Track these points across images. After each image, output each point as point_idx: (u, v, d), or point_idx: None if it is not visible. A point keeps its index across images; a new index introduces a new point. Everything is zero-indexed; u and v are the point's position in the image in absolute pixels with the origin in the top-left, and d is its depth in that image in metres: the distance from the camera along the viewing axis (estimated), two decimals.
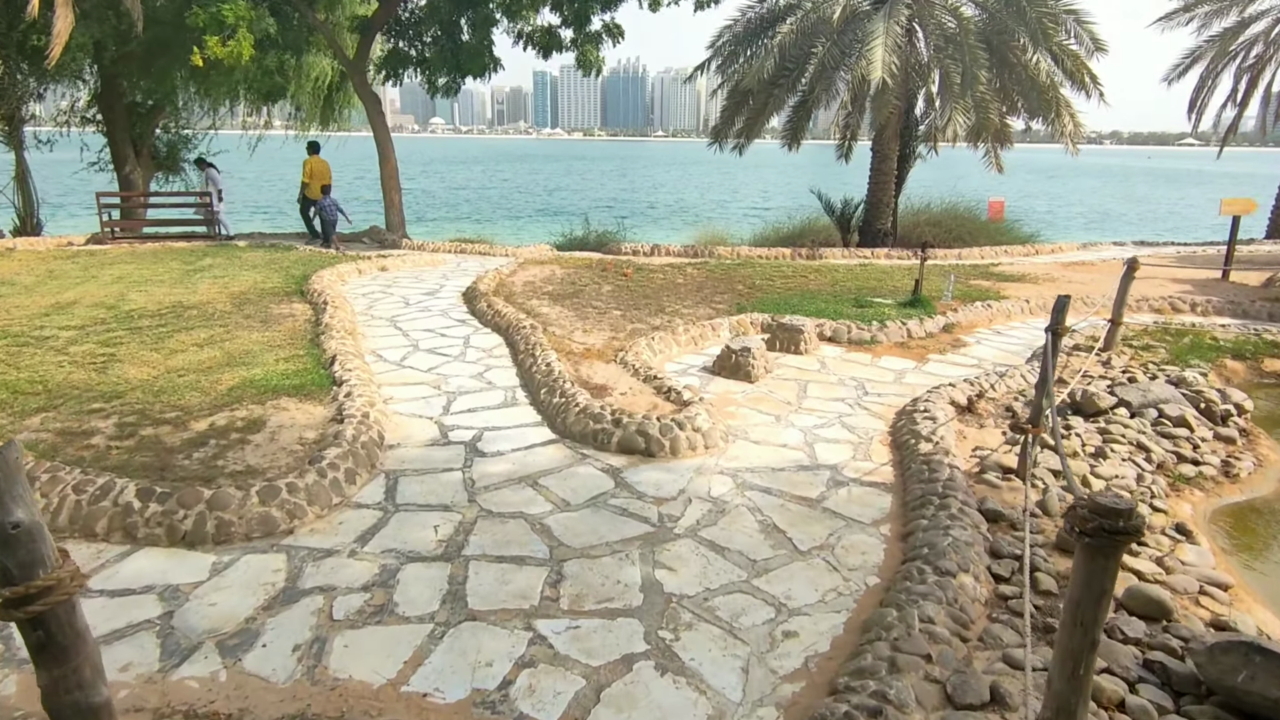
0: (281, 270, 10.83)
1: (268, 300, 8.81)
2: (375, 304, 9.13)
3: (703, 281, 10.28)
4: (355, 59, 15.01)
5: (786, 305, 8.82)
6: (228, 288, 9.42)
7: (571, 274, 10.66)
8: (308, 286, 9.35)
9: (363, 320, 8.26)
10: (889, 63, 12.42)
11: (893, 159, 16.31)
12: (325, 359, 6.34)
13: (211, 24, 13.32)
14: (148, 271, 10.69)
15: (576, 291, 9.42)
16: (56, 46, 13.85)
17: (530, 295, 9.24)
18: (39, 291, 9.08)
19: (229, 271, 10.68)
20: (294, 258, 12.27)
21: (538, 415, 5.56)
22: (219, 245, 14.16)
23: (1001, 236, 17.62)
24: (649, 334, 7.47)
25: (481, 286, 9.27)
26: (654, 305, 8.77)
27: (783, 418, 5.67)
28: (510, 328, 7.61)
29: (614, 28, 14.33)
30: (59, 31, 13.86)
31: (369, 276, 11.07)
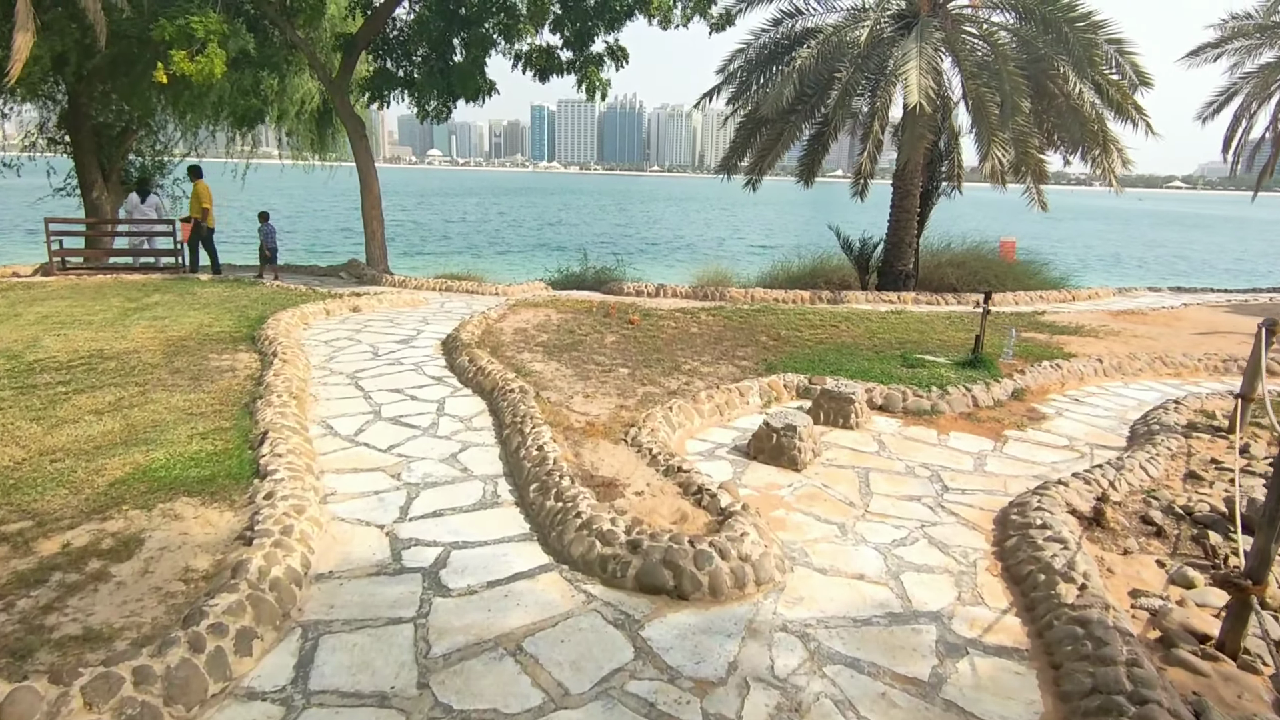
0: (236, 310, 9.45)
1: (209, 349, 7.41)
2: (338, 354, 7.74)
3: (720, 331, 8.94)
4: (337, 79, 13.83)
5: (823, 363, 7.48)
6: (165, 331, 8.03)
7: (569, 319, 9.32)
8: (261, 332, 7.97)
9: (318, 376, 6.86)
10: (925, 87, 11.28)
11: (915, 195, 15.17)
12: (255, 435, 4.93)
13: (179, 37, 12.14)
14: (81, 310, 9.30)
15: (575, 342, 8.06)
16: (16, 64, 12.64)
17: (521, 346, 7.87)
18: None
19: (175, 311, 9.30)
20: (256, 294, 10.90)
21: (526, 524, 4.16)
22: (178, 278, 12.79)
23: (1030, 280, 16.45)
24: (664, 400, 6.11)
25: (464, 335, 7.90)
26: (667, 361, 7.42)
27: (849, 527, 4.28)
28: (495, 390, 6.23)
29: (618, 50, 13.23)
30: (18, 48, 12.65)
31: (338, 318, 9.71)
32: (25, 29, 12.58)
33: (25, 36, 12.55)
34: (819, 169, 16.50)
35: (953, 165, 16.43)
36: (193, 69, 12.02)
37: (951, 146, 16.05)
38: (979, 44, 13.14)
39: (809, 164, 16.24)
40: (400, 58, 13.86)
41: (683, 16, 13.39)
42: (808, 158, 16.19)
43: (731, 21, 14.06)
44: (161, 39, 12.09)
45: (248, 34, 14.04)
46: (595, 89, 12.65)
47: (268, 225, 13.62)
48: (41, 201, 18.06)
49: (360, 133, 14.00)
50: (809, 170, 16.34)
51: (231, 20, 13.23)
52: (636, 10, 12.62)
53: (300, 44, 13.45)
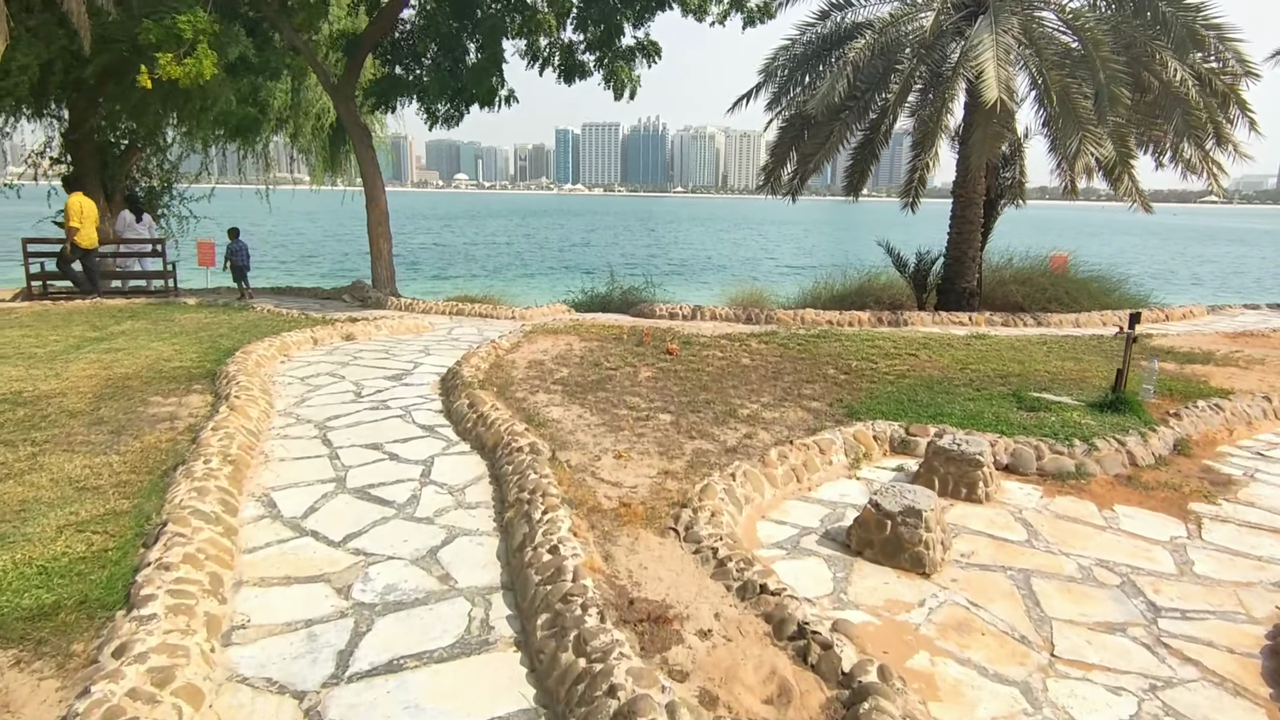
0: (208, 341, 8.11)
1: (154, 390, 6.03)
2: (312, 395, 6.31)
3: (777, 362, 7.39)
4: (341, 84, 12.61)
5: (915, 405, 5.89)
6: (112, 368, 6.67)
7: (595, 349, 7.83)
8: (225, 366, 6.58)
9: (280, 426, 5.42)
10: (1005, 79, 9.74)
11: (979, 205, 13.57)
12: (152, 527, 3.49)
13: (166, 39, 10.99)
14: (32, 340, 8.02)
15: (602, 379, 6.55)
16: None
17: (536, 385, 6.38)
18: None
19: (137, 341, 7.97)
20: (239, 321, 9.58)
21: (530, 686, 2.63)
22: (162, 303, 11.56)
23: (1106, 298, 14.69)
24: (722, 462, 4.57)
25: (466, 371, 6.43)
26: (718, 404, 5.88)
27: (1037, 693, 2.70)
28: (499, 447, 4.73)
29: (648, 45, 11.86)
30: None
31: (325, 349, 8.31)
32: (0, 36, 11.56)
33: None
34: (866, 181, 15.01)
35: (1016, 172, 14.82)
36: (180, 72, 10.88)
37: (1015, 151, 14.43)
38: (1058, 31, 11.56)
39: (857, 175, 14.75)
40: (409, 60, 12.63)
41: (719, 13, 12.03)
42: (855, 168, 14.69)
43: (771, 14, 12.67)
44: (148, 42, 10.97)
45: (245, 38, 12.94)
46: (624, 86, 11.27)
47: (237, 242, 12.56)
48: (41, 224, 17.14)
49: (366, 142, 12.76)
50: (856, 182, 14.86)
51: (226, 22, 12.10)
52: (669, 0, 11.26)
53: (301, 47, 12.28)
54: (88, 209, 12.04)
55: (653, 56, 11.74)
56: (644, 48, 11.75)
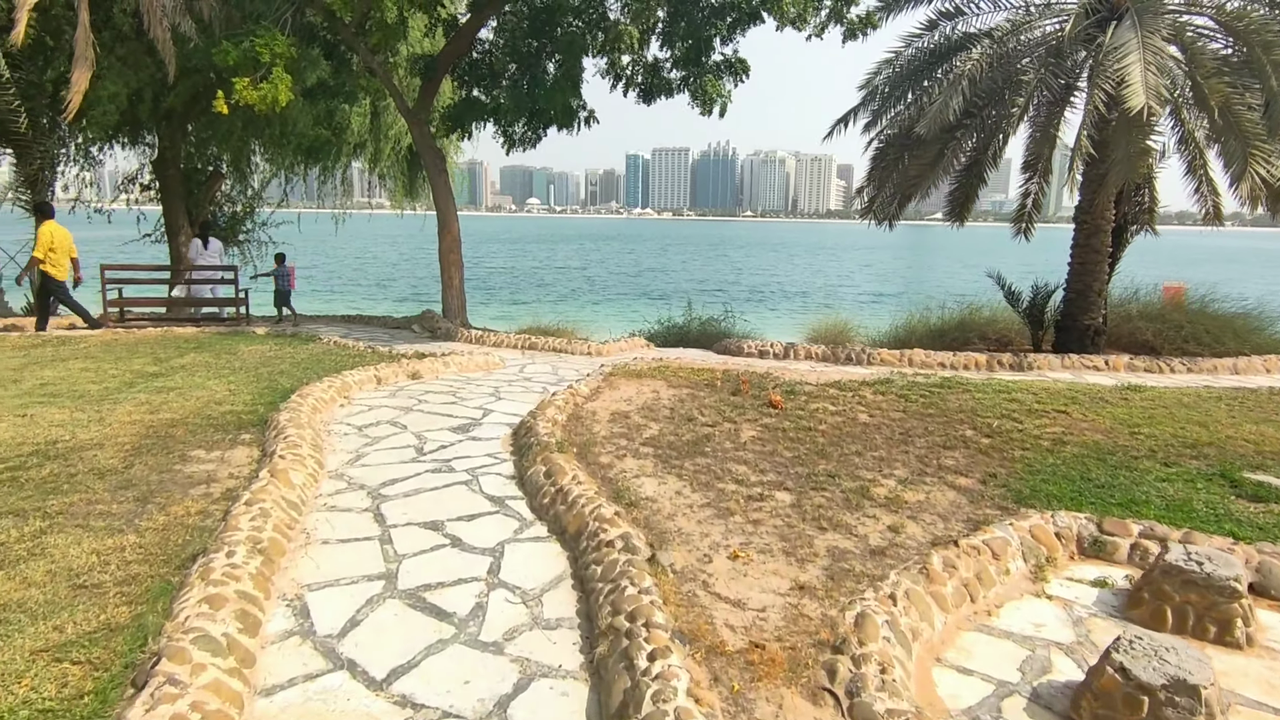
0: (267, 378, 7.53)
1: (199, 440, 5.38)
2: (369, 450, 5.55)
3: (901, 419, 6.28)
4: (416, 107, 12.19)
5: (1092, 485, 4.71)
6: (159, 411, 6.10)
7: (686, 398, 6.88)
8: (277, 414, 5.91)
9: (329, 491, 4.65)
10: (1154, 84, 8.45)
11: (1107, 232, 12.12)
12: (145, 659, 2.69)
13: (244, 62, 10.74)
14: (90, 375, 7.61)
15: (699, 439, 5.58)
16: (74, 97, 11.63)
17: (622, 446, 5.46)
18: None
19: (195, 378, 7.45)
20: (304, 355, 9.04)
21: None
22: (231, 332, 11.23)
23: (1257, 338, 12.89)
24: (869, 569, 3.54)
25: (541, 426, 5.57)
26: (844, 477, 4.83)
27: None
28: (583, 536, 3.82)
29: (736, 62, 10.97)
30: (76, 81, 11.66)
31: (389, 389, 7.62)
32: (84, 62, 11.52)
33: (83, 70, 11.50)
34: (973, 203, 13.72)
35: (1147, 195, 13.26)
36: (255, 96, 10.59)
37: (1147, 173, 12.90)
38: (1206, 34, 10.14)
39: (961, 199, 13.48)
40: (486, 81, 12.11)
41: (818, 26, 11.07)
42: (960, 190, 13.42)
43: (874, 24, 11.62)
44: (225, 64, 10.74)
45: (323, 61, 12.70)
46: (713, 102, 10.40)
47: (282, 267, 12.66)
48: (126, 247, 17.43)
49: (440, 166, 12.27)
50: (961, 206, 13.58)
51: (303, 46, 11.84)
52: (764, 11, 10.38)
53: (377, 69, 11.90)
54: (59, 239, 11.25)
55: (740, 74, 10.85)
56: (731, 65, 10.87)
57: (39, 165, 13.85)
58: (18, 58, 12.98)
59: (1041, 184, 12.74)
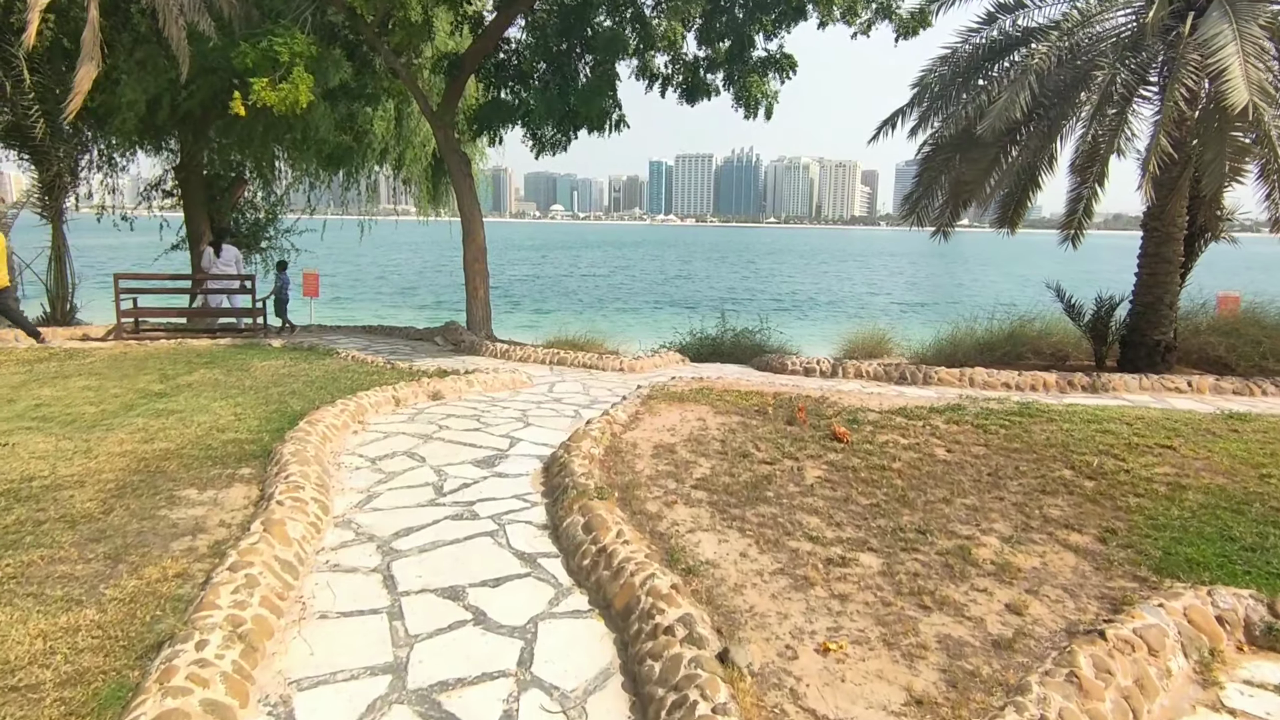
0: (276, 399, 6.93)
1: (193, 476, 4.77)
2: (381, 488, 4.90)
3: (986, 456, 5.49)
4: (440, 109, 11.62)
5: (1239, 546, 3.91)
6: (155, 439, 5.51)
7: (735, 428, 6.15)
8: (282, 446, 5.28)
9: (333, 544, 4.00)
10: (1257, 79, 7.60)
11: (1178, 241, 11.22)
12: None
13: (263, 63, 10.25)
14: (91, 394, 7.07)
15: (758, 481, 4.84)
16: (76, 96, 11.18)
17: (671, 490, 4.75)
18: None
19: (200, 399, 6.88)
20: (319, 372, 8.45)
21: None
22: (245, 344, 10.72)
23: None
24: (996, 671, 2.80)
25: (577, 466, 4.86)
26: (935, 530, 4.08)
27: None
28: (635, 617, 3.12)
29: (781, 59, 10.25)
30: (80, 78, 11.23)
31: (408, 411, 6.99)
32: (89, 60, 11.07)
33: (88, 69, 11.05)
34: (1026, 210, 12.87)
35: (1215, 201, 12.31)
36: (275, 98, 10.08)
37: None
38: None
39: (1014, 203, 12.62)
40: (513, 82, 11.52)
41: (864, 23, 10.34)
42: (1013, 196, 12.56)
43: (926, 23, 10.87)
44: (244, 66, 10.25)
45: (344, 61, 12.18)
46: (758, 103, 9.69)
47: (283, 276, 12.48)
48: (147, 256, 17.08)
49: (465, 171, 11.68)
50: (1013, 212, 12.71)
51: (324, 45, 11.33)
52: (809, 5, 9.66)
53: (400, 70, 11.36)
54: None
55: (786, 71, 10.13)
56: (776, 61, 10.15)
57: (56, 171, 13.49)
58: (36, 61, 12.64)
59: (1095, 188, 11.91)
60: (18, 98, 12.63)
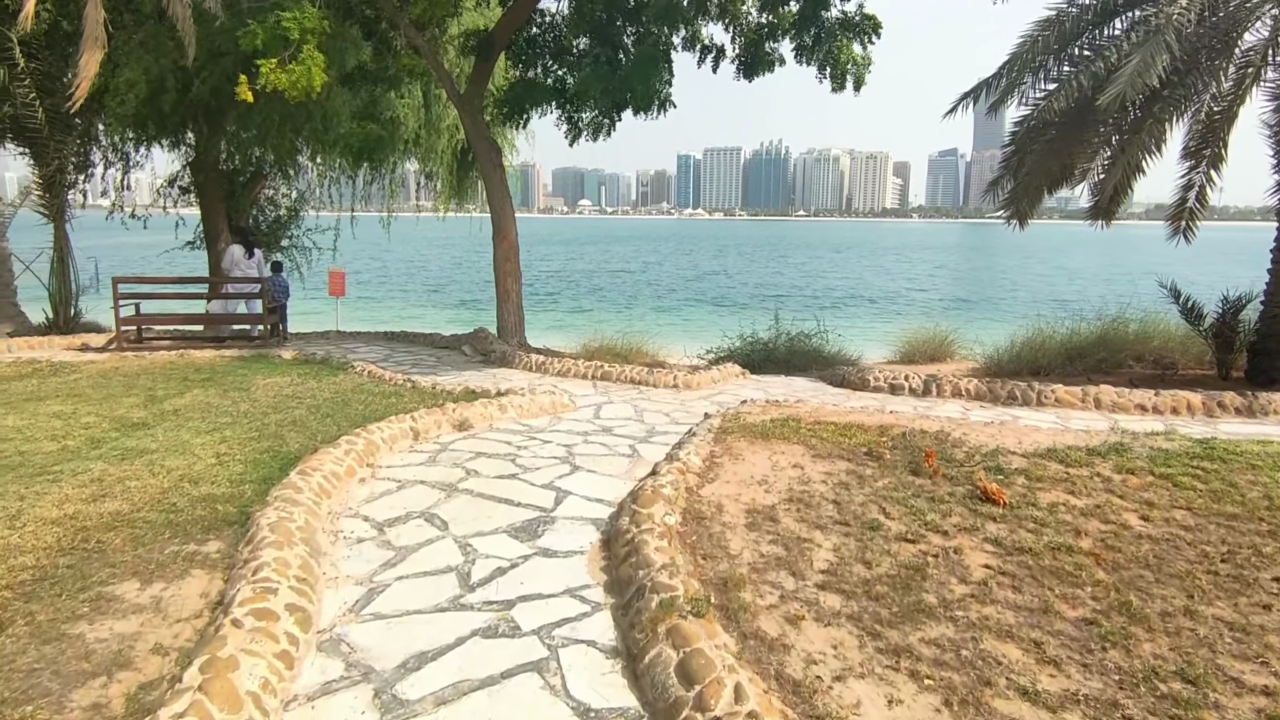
0: (272, 433, 5.72)
1: (140, 557, 3.55)
2: (388, 579, 3.63)
3: (1201, 526, 4.07)
4: (467, 92, 10.38)
5: None
6: (108, 495, 4.31)
7: (846, 480, 4.79)
8: (262, 512, 4.05)
9: (311, 691, 2.73)
10: None
11: None
12: None
13: (271, 42, 9.10)
14: (59, 424, 5.93)
15: (906, 576, 3.47)
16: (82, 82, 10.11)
17: (789, 593, 3.41)
18: None
19: (180, 433, 5.69)
20: (328, 394, 7.24)
21: None
22: (254, 356, 9.61)
23: None
24: None
25: (653, 550, 3.53)
26: (1210, 678, 2.71)
27: None
28: None
29: (863, 20, 8.80)
30: (84, 62, 10.13)
31: (428, 448, 5.74)
32: (94, 43, 10.00)
33: (93, 52, 9.94)
34: (1126, 196, 11.31)
35: None
36: (285, 81, 8.94)
37: None
38: None
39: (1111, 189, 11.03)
40: (547, 59, 10.23)
41: None
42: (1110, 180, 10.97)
43: None
44: (252, 46, 9.12)
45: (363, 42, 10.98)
46: (846, 73, 8.28)
47: (279, 278, 11.59)
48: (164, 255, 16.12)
49: (495, 161, 10.43)
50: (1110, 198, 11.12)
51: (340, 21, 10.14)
52: None
53: (422, 48, 10.13)
54: None
55: (869, 34, 8.68)
56: (856, 24, 8.71)
57: (57, 166, 12.51)
58: (34, 46, 11.65)
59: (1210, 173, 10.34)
60: (14, 86, 11.66)
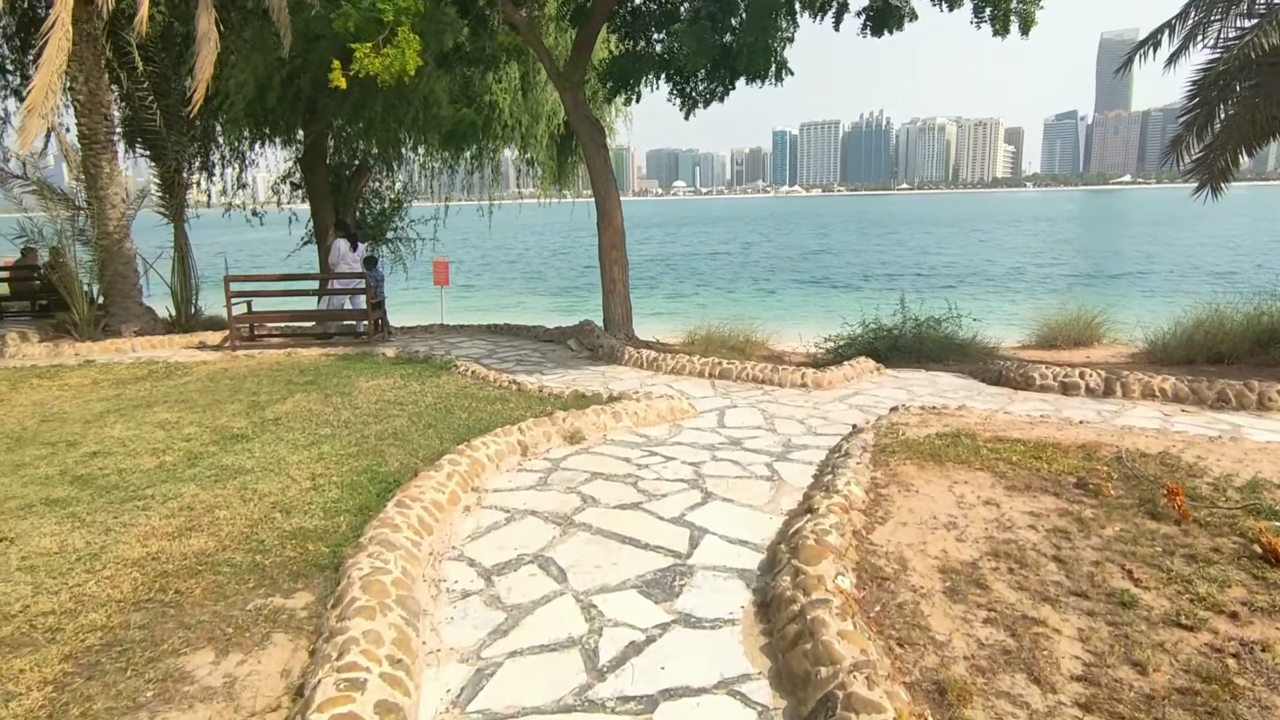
0: (371, 448, 5.22)
1: (217, 619, 3.04)
2: (499, 652, 2.97)
3: None
4: (568, 69, 9.70)
5: None
6: (195, 527, 3.88)
7: (1060, 523, 3.80)
8: (359, 553, 3.50)
9: None
10: None
11: None
12: None
13: (365, 25, 8.71)
14: (162, 435, 5.68)
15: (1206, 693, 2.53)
16: (199, 85, 10.11)
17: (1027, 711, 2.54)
18: None
19: (278, 448, 5.28)
20: (429, 399, 6.75)
21: None
22: (358, 354, 9.35)
23: None
24: None
25: (836, 642, 2.67)
26: None
27: None
28: None
29: None
30: (200, 65, 10.13)
31: (538, 467, 5.10)
32: (207, 43, 9.90)
33: (207, 53, 9.83)
34: None
35: None
36: (379, 65, 8.51)
37: None
38: None
39: None
40: (654, 28, 9.40)
41: None
42: None
43: None
44: (345, 30, 8.75)
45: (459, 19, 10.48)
46: (1009, 13, 7.04)
47: (375, 273, 11.20)
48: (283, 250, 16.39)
49: (599, 141, 9.73)
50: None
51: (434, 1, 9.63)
52: None
53: (520, 24, 9.51)
54: None
55: None
56: None
57: (175, 166, 12.75)
58: (151, 50, 11.81)
59: None
60: (133, 88, 11.90)
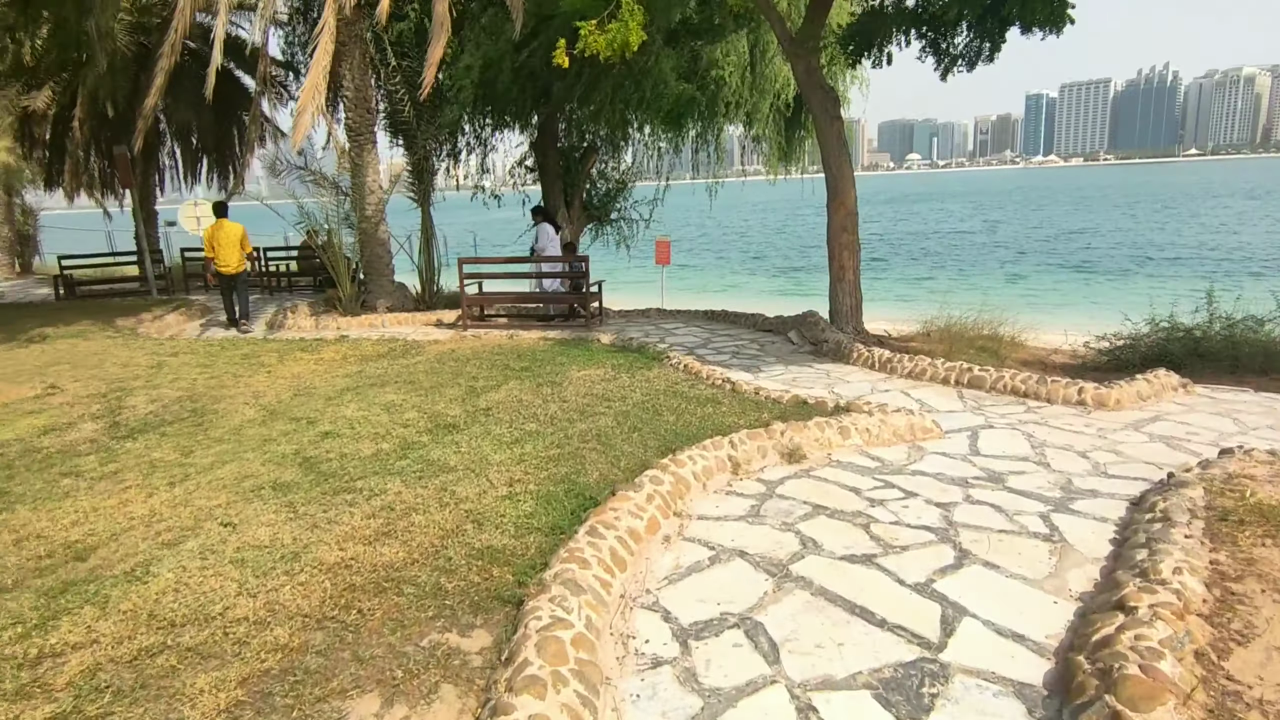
0: (572, 451, 4.87)
1: (390, 651, 2.77)
2: None
3: None
4: (802, 33, 8.75)
5: None
6: (390, 532, 3.72)
7: None
8: (541, 596, 3.10)
9: None
10: None
11: None
12: None
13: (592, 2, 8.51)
14: (386, 419, 5.85)
15: None
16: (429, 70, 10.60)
17: None
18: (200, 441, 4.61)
19: (483, 443, 5.12)
20: (640, 394, 6.33)
21: None
22: (574, 339, 9.28)
23: None
24: None
25: None
26: None
27: None
28: None
29: None
30: (432, 51, 10.61)
31: (750, 490, 4.43)
32: (440, 31, 10.30)
33: (439, 41, 10.23)
34: None
35: None
36: (602, 41, 8.21)
37: None
38: None
39: None
40: None
41: None
42: None
43: None
44: (572, 6, 8.58)
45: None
46: None
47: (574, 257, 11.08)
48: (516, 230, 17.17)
49: (832, 113, 8.70)
50: None
51: None
52: None
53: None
54: (219, 236, 11.28)
55: None
56: None
57: (422, 154, 13.66)
58: (405, 45, 12.67)
59: None
60: (387, 82, 12.86)
